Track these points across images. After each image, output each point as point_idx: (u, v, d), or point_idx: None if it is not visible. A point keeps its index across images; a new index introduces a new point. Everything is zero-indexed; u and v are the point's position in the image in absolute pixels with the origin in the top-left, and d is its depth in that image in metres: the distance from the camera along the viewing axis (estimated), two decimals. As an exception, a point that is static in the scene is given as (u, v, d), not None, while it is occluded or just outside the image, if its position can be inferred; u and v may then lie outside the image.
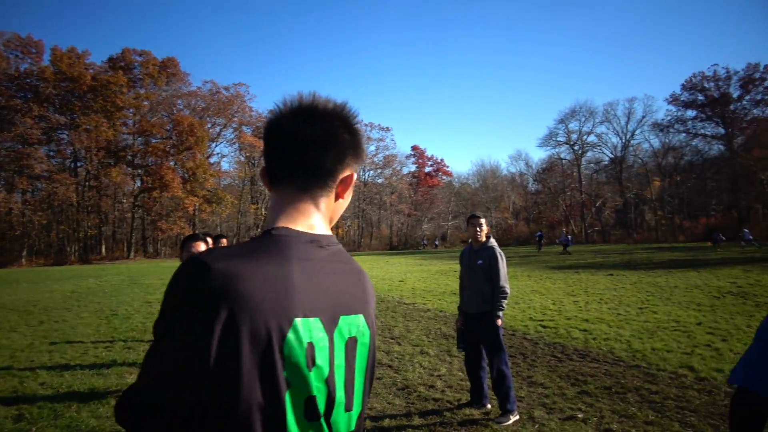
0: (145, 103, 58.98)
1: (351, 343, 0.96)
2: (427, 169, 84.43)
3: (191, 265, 0.83)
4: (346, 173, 1.04)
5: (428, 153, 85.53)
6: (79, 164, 57.63)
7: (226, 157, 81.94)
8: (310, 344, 0.86)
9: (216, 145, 65.81)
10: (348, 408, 0.94)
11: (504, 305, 4.85)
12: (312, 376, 0.86)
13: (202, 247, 3.92)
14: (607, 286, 14.48)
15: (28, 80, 54.31)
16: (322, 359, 0.88)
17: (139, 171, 58.62)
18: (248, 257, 0.85)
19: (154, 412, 0.82)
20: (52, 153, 56.46)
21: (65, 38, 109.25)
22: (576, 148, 69.86)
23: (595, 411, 4.72)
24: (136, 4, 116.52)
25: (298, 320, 0.85)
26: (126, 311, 11.75)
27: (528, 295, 13.06)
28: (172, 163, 57.21)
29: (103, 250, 56.61)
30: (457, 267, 5.48)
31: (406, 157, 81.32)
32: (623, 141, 67.00)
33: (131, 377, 6.08)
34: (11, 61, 54.21)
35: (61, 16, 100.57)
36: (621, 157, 66.54)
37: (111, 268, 35.53)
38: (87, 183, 55.61)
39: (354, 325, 0.97)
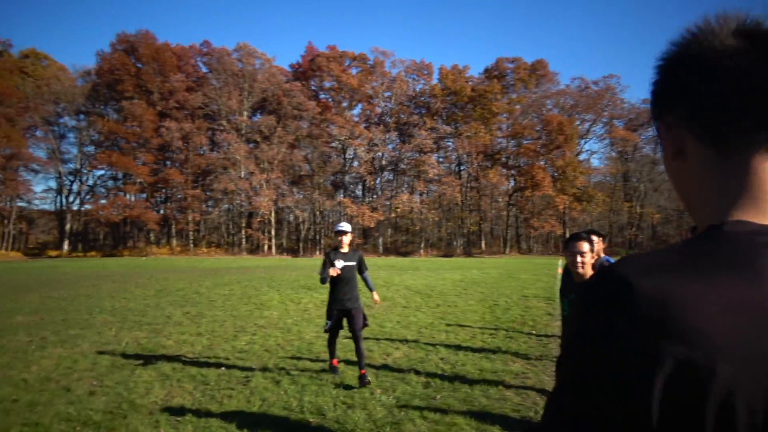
0: (517, 106, 62.61)
1: None
2: None
3: (604, 282, 0.57)
4: None
5: None
6: (462, 168, 65.28)
7: (596, 153, 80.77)
8: None
9: (585, 142, 64.74)
10: None
11: None
12: None
13: (585, 247, 3.82)
14: None
15: (422, 98, 65.05)
16: None
17: (513, 171, 62.42)
18: (690, 270, 0.55)
19: None
20: (440, 159, 65.68)
21: (448, 56, 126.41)
22: None
23: None
24: (507, 18, 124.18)
25: None
26: (505, 303, 12.58)
27: None
28: (542, 163, 58.93)
29: (483, 245, 62.43)
30: None
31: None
32: None
33: (515, 365, 6.44)
34: (410, 84, 65.98)
35: (445, 37, 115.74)
36: None
37: (490, 262, 38.78)
38: (469, 184, 62.48)
39: None
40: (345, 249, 6.04)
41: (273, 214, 59.60)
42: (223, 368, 6.35)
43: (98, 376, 5.91)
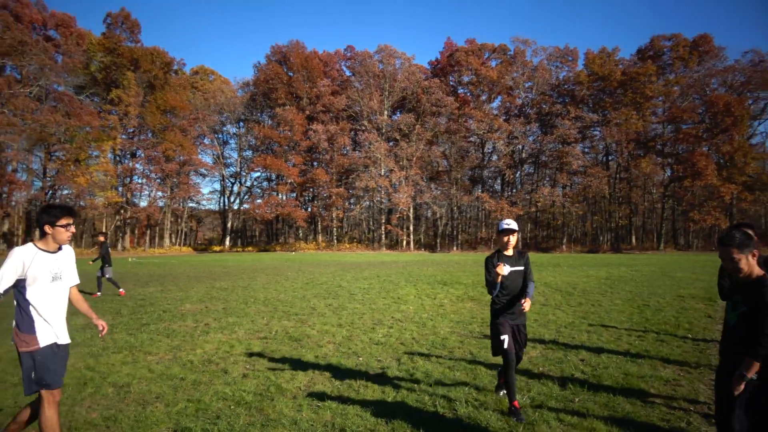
0: (675, 88, 56.87)
1: None
2: None
3: None
4: None
5: None
6: (610, 158, 61.18)
7: (774, 135, 70.90)
8: None
9: (759, 123, 56.88)
10: None
11: None
12: None
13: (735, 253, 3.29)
14: None
15: (566, 86, 61.90)
16: None
17: (669, 160, 57.03)
18: None
19: None
20: (586, 149, 62.03)
21: (596, 40, 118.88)
22: None
23: None
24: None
25: None
26: (657, 303, 11.59)
27: None
28: (705, 149, 53.07)
29: (633, 240, 57.95)
30: None
31: None
32: None
33: (665, 371, 5.93)
34: (552, 72, 63.14)
35: (592, 19, 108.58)
36: None
37: (640, 258, 35.93)
38: (618, 175, 58.30)
39: None
40: (510, 252, 4.89)
41: (411, 210, 60.77)
42: (360, 359, 6.66)
43: (251, 361, 6.53)
